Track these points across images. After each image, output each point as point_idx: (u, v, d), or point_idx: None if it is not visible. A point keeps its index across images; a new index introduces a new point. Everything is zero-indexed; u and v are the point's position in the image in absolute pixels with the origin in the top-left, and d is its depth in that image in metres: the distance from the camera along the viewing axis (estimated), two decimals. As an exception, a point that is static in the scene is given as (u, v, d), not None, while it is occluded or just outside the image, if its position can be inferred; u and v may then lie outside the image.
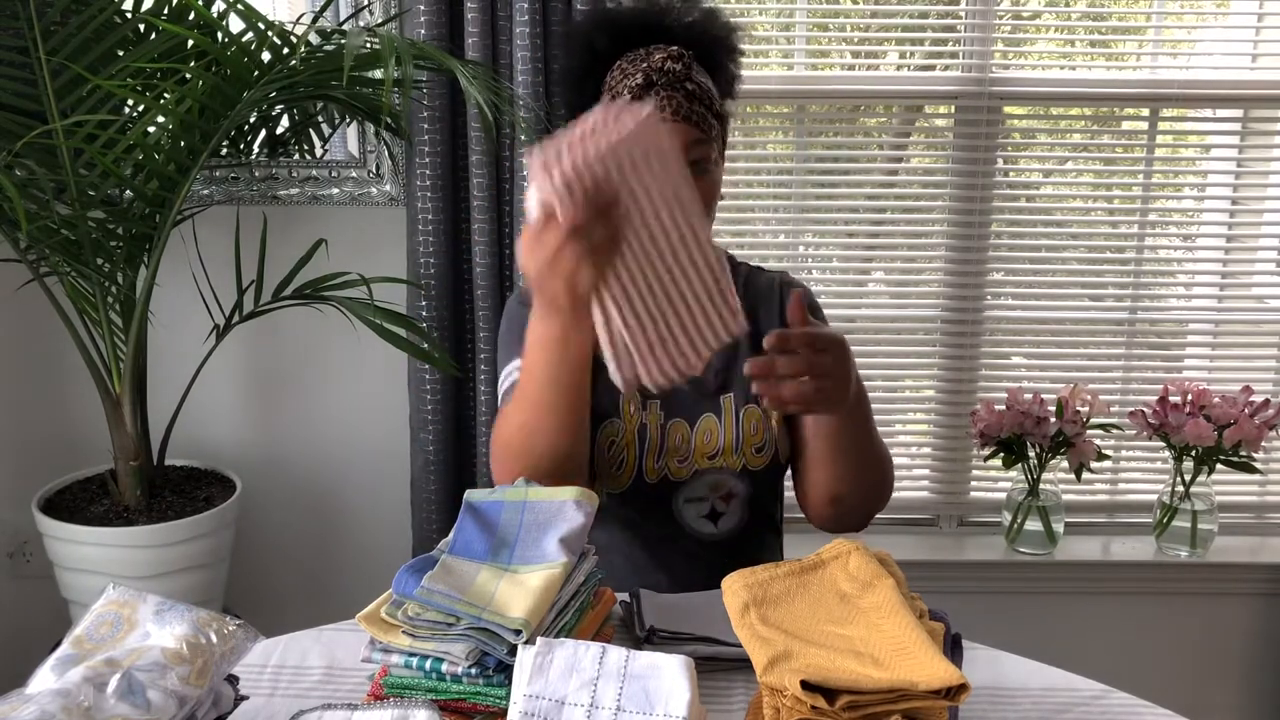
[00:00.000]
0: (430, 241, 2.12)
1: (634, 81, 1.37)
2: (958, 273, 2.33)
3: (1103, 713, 1.11)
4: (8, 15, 1.87)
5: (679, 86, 1.37)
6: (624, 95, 1.37)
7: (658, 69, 1.36)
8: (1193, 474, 2.24)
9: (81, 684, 0.87)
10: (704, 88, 1.40)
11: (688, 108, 1.37)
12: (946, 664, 0.93)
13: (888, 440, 2.47)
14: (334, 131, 2.28)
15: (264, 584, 2.39)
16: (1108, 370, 2.41)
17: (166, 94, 1.89)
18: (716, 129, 1.41)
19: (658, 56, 1.37)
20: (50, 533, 2.01)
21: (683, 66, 1.37)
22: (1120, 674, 1.39)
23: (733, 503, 1.44)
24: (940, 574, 2.33)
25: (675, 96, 1.37)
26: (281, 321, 2.17)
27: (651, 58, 1.38)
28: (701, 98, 1.39)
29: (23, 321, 2.24)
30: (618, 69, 1.41)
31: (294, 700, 1.08)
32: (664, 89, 1.37)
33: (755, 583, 1.06)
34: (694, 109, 1.38)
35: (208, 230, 2.18)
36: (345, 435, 2.35)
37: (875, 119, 2.48)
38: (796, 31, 2.30)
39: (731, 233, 2.35)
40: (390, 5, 2.12)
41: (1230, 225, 2.38)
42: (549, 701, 0.90)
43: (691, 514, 1.45)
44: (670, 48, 1.39)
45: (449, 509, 2.19)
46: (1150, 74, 2.32)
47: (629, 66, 1.40)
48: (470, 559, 1.07)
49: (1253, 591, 2.37)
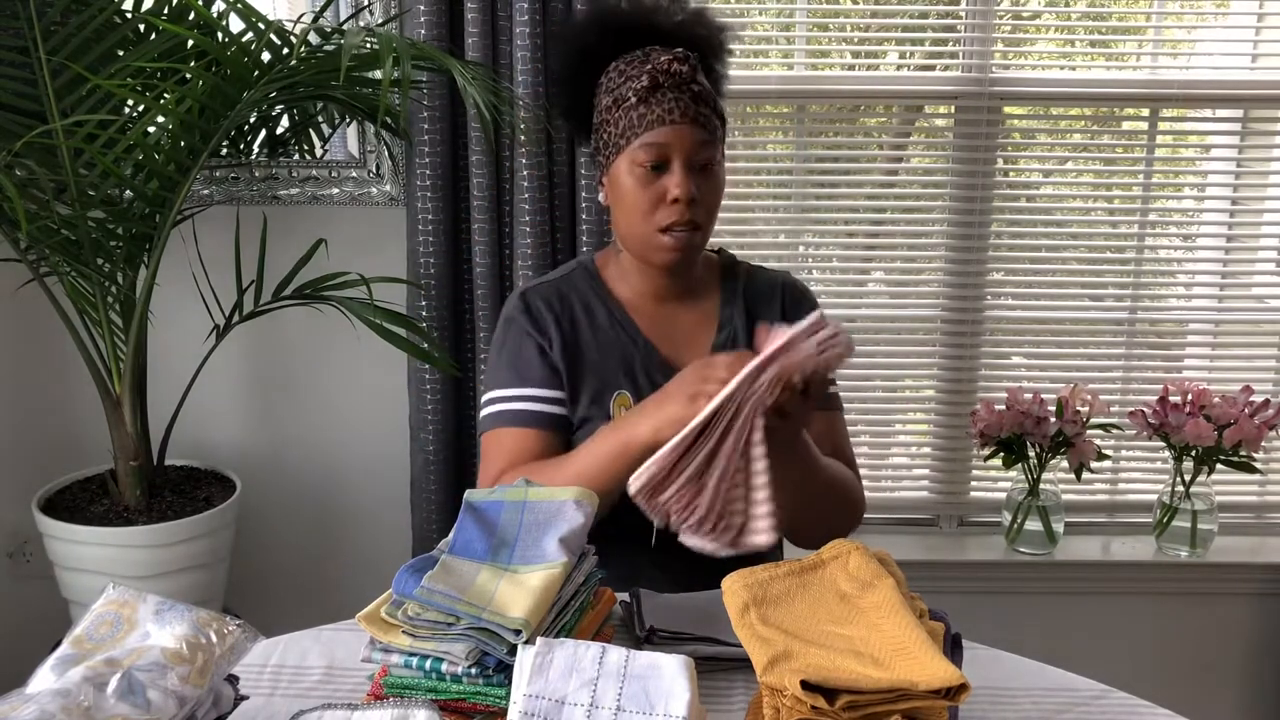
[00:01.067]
0: (430, 241, 2.13)
1: (639, 84, 1.37)
2: (958, 273, 2.33)
3: (1102, 713, 1.11)
4: (8, 15, 1.87)
5: (685, 88, 1.38)
6: (629, 97, 1.38)
7: (664, 70, 1.37)
8: (1193, 474, 2.24)
9: (81, 684, 0.87)
10: (708, 89, 1.41)
11: (695, 110, 1.38)
12: (947, 664, 0.93)
13: (888, 441, 2.49)
14: (334, 131, 2.28)
15: (264, 584, 2.39)
16: (1108, 370, 2.41)
17: (166, 94, 1.89)
18: (720, 129, 1.42)
19: (663, 58, 1.38)
20: (50, 533, 2.01)
21: (689, 68, 1.38)
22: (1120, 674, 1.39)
23: None
24: (940, 574, 2.33)
25: (682, 99, 1.37)
26: (281, 321, 2.17)
27: (656, 59, 1.38)
28: (707, 99, 1.40)
29: (23, 321, 2.24)
30: (615, 70, 1.42)
31: (294, 700, 1.09)
32: (671, 90, 1.37)
33: (755, 583, 1.06)
34: (700, 111, 1.39)
35: (208, 230, 2.18)
36: (345, 435, 2.35)
37: (875, 119, 2.48)
38: (796, 31, 2.30)
39: (731, 233, 2.35)
40: (390, 5, 2.12)
41: (1230, 225, 2.38)
42: (549, 701, 0.90)
43: None
44: (674, 49, 1.39)
45: (449, 509, 2.19)
46: (1150, 74, 2.32)
47: (629, 69, 1.40)
48: (470, 559, 1.07)
49: (1253, 591, 2.37)
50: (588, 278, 1.53)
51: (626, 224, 1.44)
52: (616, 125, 1.40)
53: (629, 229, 1.44)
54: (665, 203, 1.39)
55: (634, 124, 1.38)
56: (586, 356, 1.47)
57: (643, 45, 1.43)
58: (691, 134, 1.38)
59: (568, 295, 1.51)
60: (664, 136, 1.37)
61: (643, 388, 1.45)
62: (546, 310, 1.48)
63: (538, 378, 1.46)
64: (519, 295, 1.51)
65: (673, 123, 1.37)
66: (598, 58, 1.44)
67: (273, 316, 2.13)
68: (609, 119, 1.41)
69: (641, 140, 1.38)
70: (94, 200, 1.95)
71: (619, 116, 1.40)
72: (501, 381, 1.47)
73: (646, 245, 1.43)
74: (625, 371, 1.47)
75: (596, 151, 1.47)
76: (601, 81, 1.44)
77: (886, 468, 2.49)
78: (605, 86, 1.43)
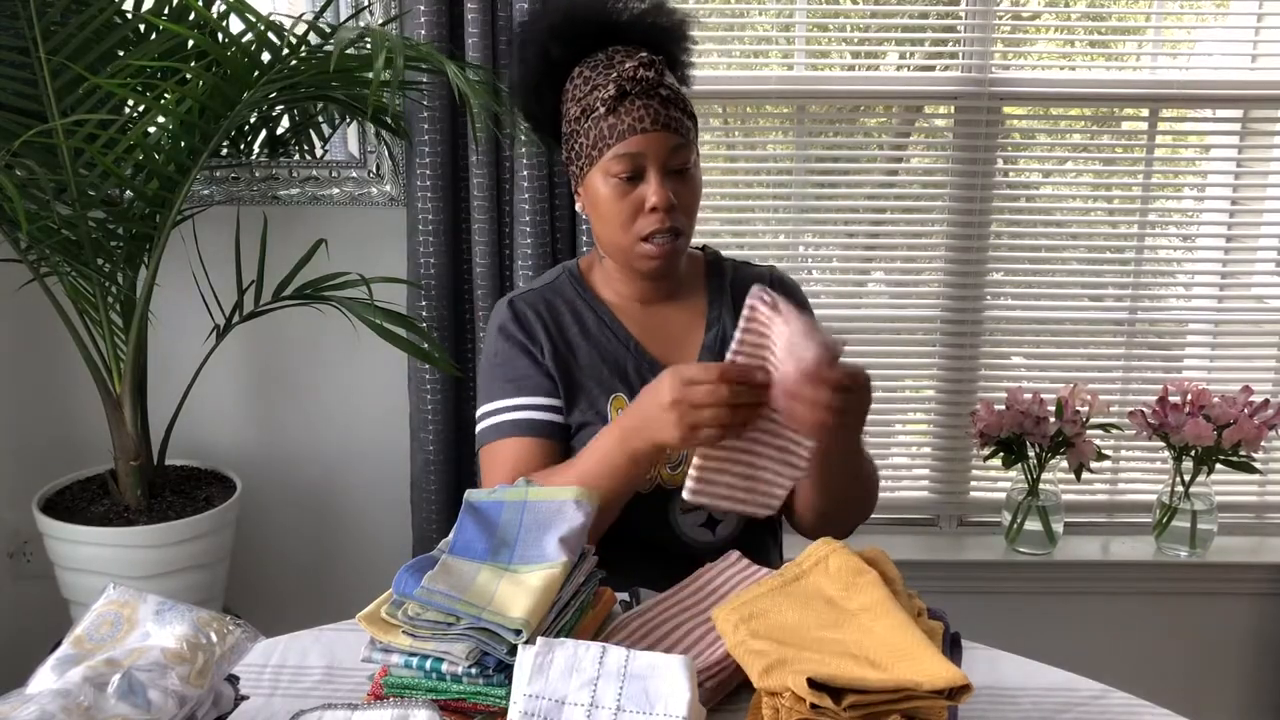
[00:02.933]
0: (430, 241, 2.13)
1: (606, 92, 1.36)
2: (957, 273, 2.33)
3: (1102, 713, 1.11)
4: (8, 15, 1.87)
5: (654, 94, 1.36)
6: (598, 108, 1.36)
7: (630, 78, 1.35)
8: (1192, 474, 2.24)
9: (82, 684, 0.87)
10: (677, 91, 1.40)
11: (665, 115, 1.37)
12: (947, 664, 0.93)
13: (888, 441, 2.49)
14: (334, 131, 2.28)
15: (264, 584, 2.39)
16: (1108, 370, 2.41)
17: (166, 94, 1.89)
18: (692, 130, 1.41)
19: (628, 65, 1.36)
20: (50, 533, 2.01)
21: (655, 73, 1.36)
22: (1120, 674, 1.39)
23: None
24: (940, 574, 2.33)
25: (652, 104, 1.36)
26: (281, 321, 2.17)
27: (621, 66, 1.36)
28: (676, 102, 1.39)
29: (23, 321, 2.24)
30: (580, 77, 1.40)
31: (294, 700, 1.09)
32: (639, 97, 1.36)
33: (741, 604, 1.07)
34: (671, 115, 1.37)
35: (208, 230, 2.18)
36: (345, 435, 2.35)
37: (875, 119, 2.48)
38: (796, 31, 2.30)
39: (731, 233, 2.35)
40: (390, 5, 2.12)
41: (1230, 225, 2.38)
42: (549, 701, 0.90)
43: (688, 522, 1.44)
44: (639, 54, 1.38)
45: (449, 509, 2.19)
46: (1150, 74, 2.32)
47: (596, 76, 1.38)
48: (470, 559, 1.07)
49: (1252, 591, 2.37)
50: (573, 283, 1.51)
51: (607, 235, 1.43)
52: (587, 136, 1.38)
53: (609, 239, 1.43)
54: (644, 212, 1.38)
55: (605, 135, 1.36)
56: (579, 362, 1.46)
57: (604, 45, 1.41)
58: (664, 140, 1.36)
59: (554, 302, 1.49)
60: (636, 145, 1.36)
61: (636, 389, 1.44)
62: (535, 318, 1.47)
63: (532, 387, 1.44)
64: (507, 304, 1.49)
65: (644, 130, 1.35)
66: (565, 63, 1.42)
67: (273, 316, 2.13)
68: (579, 129, 1.40)
69: (614, 151, 1.36)
70: (94, 200, 1.95)
71: (589, 127, 1.38)
72: (496, 394, 1.46)
73: (629, 254, 1.42)
74: (618, 374, 1.46)
75: (569, 162, 1.45)
76: (567, 89, 1.42)
77: (886, 468, 2.49)
78: (571, 95, 1.40)
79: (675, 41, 1.45)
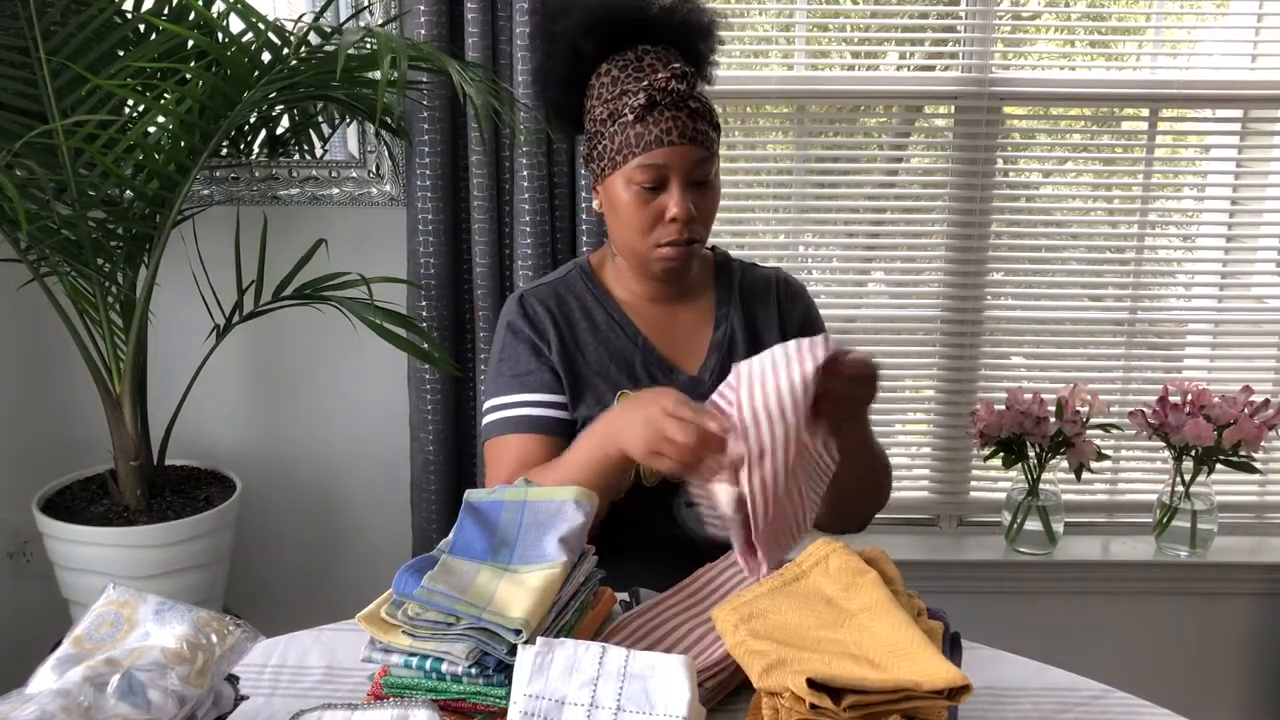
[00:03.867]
0: (430, 241, 2.13)
1: (636, 100, 1.36)
2: (957, 273, 2.33)
3: (1102, 713, 1.11)
4: (8, 15, 1.87)
5: (683, 106, 1.37)
6: (626, 114, 1.37)
7: (661, 89, 1.36)
8: (1192, 474, 2.24)
9: (82, 684, 0.87)
10: (705, 103, 1.40)
11: (693, 128, 1.37)
12: (948, 664, 0.93)
13: (887, 441, 2.49)
14: (334, 131, 2.28)
15: (264, 584, 2.39)
16: (1108, 370, 2.41)
17: (166, 94, 1.89)
18: (716, 142, 1.42)
19: (660, 75, 1.37)
20: (50, 533, 2.01)
21: (686, 86, 1.37)
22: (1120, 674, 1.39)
23: None
24: (940, 574, 2.33)
25: (680, 117, 1.37)
26: (281, 321, 2.17)
27: (653, 74, 1.37)
28: (704, 115, 1.39)
29: (23, 321, 2.24)
30: (608, 76, 1.40)
31: (294, 700, 1.09)
32: (669, 109, 1.36)
33: (741, 604, 1.07)
34: (699, 129, 1.38)
35: (208, 230, 2.18)
36: (345, 435, 2.35)
37: (875, 119, 2.48)
38: (796, 31, 2.30)
39: (731, 233, 2.35)
40: (390, 5, 2.12)
41: (1230, 225, 2.38)
42: (549, 701, 0.90)
43: (692, 518, 1.44)
44: (671, 63, 1.38)
45: (449, 509, 2.19)
46: (1150, 74, 2.32)
47: (626, 80, 1.38)
48: (470, 559, 1.07)
49: (1252, 591, 2.38)
50: (584, 279, 1.52)
51: (623, 237, 1.44)
52: (613, 140, 1.39)
53: (625, 241, 1.44)
54: (663, 221, 1.39)
55: (631, 142, 1.37)
56: (586, 358, 1.47)
57: (634, 42, 1.41)
58: (689, 153, 1.37)
59: (565, 297, 1.51)
60: (662, 157, 1.37)
61: (643, 386, 1.45)
62: (544, 313, 1.48)
63: (538, 383, 1.45)
64: (517, 299, 1.51)
65: (671, 143, 1.36)
66: (594, 59, 1.43)
67: (273, 316, 2.13)
68: (604, 131, 1.40)
69: (639, 161, 1.37)
70: (94, 200, 1.95)
71: (614, 131, 1.38)
72: (502, 389, 1.47)
73: (644, 258, 1.43)
74: (626, 371, 1.47)
75: (590, 159, 1.45)
76: (593, 85, 1.42)
77: (886, 468, 2.49)
78: (598, 95, 1.41)
79: (704, 39, 1.45)
